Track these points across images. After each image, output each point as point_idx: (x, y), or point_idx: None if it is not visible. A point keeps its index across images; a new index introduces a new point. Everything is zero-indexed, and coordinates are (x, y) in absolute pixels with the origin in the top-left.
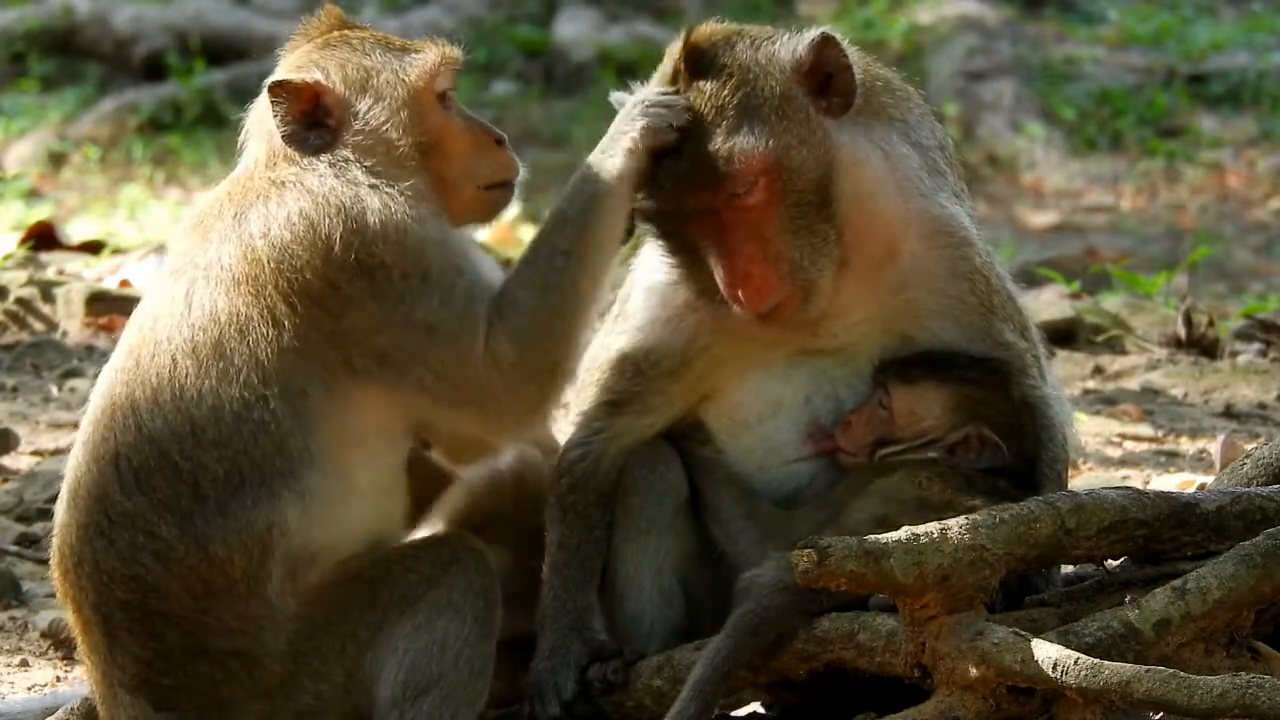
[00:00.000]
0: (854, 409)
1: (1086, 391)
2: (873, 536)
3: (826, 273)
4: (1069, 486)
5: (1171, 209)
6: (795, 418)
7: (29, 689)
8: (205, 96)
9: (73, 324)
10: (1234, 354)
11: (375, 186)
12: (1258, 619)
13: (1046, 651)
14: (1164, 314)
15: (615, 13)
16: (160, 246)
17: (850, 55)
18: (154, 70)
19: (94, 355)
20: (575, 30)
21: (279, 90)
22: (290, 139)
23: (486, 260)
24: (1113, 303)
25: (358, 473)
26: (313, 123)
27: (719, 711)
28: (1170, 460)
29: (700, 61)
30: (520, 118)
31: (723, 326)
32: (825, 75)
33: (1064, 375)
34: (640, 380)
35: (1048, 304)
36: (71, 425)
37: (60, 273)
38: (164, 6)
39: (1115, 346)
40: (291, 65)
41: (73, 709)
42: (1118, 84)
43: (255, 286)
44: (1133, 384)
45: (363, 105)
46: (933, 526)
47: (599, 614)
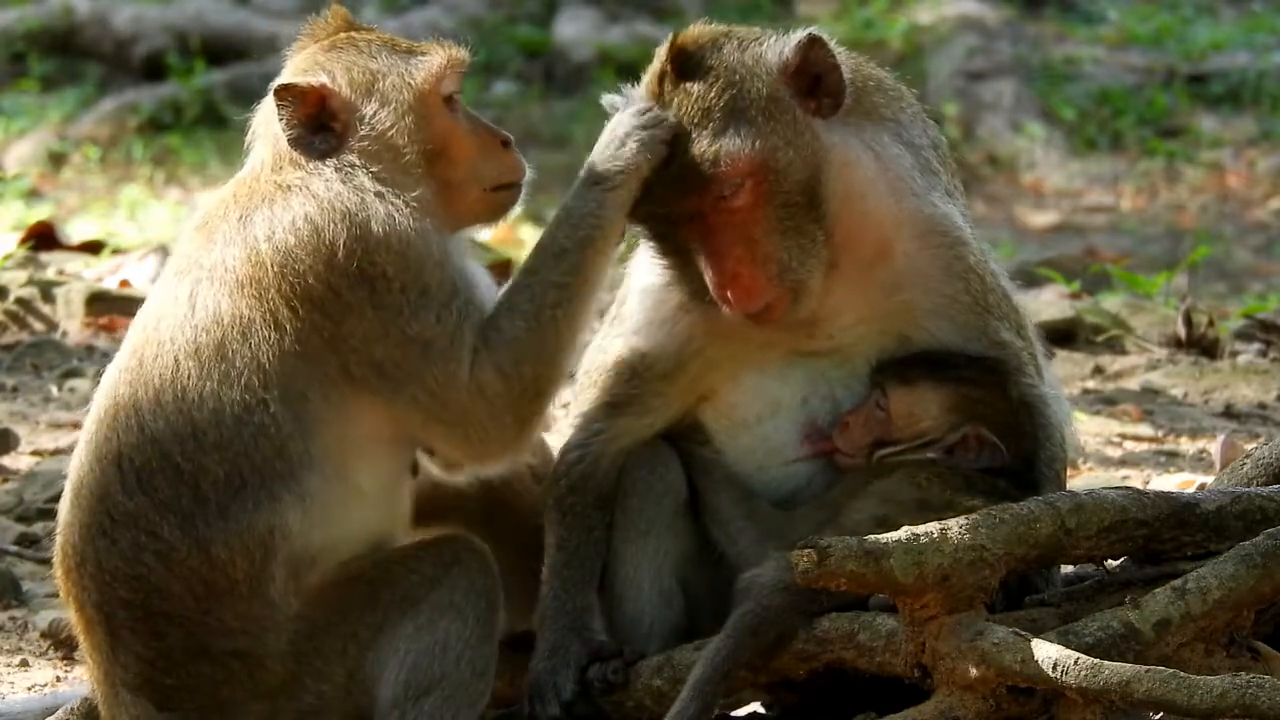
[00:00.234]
0: (851, 410)
1: (1086, 391)
2: (873, 536)
3: (816, 273)
4: (1068, 486)
5: (1171, 209)
6: (793, 418)
7: (29, 689)
8: (205, 96)
9: (73, 324)
10: (1234, 354)
11: (381, 195)
12: (1258, 619)
13: (1046, 651)
14: (1164, 314)
15: (615, 13)
16: (160, 246)
17: (838, 55)
18: (154, 70)
19: (94, 355)
20: (575, 30)
21: (285, 94)
22: (296, 143)
23: (483, 278)
24: (1113, 303)
25: (360, 476)
26: (318, 126)
27: (719, 711)
28: (1170, 460)
29: (687, 64)
30: (520, 118)
31: (717, 328)
32: (813, 76)
33: (1064, 375)
34: (637, 382)
35: (1048, 304)
36: (71, 425)
37: (60, 273)
38: (164, 6)
39: (1115, 346)
40: (298, 68)
41: (73, 709)
42: (1118, 84)
43: (258, 289)
44: (1133, 384)
45: (369, 109)
46: (933, 526)
47: (598, 614)
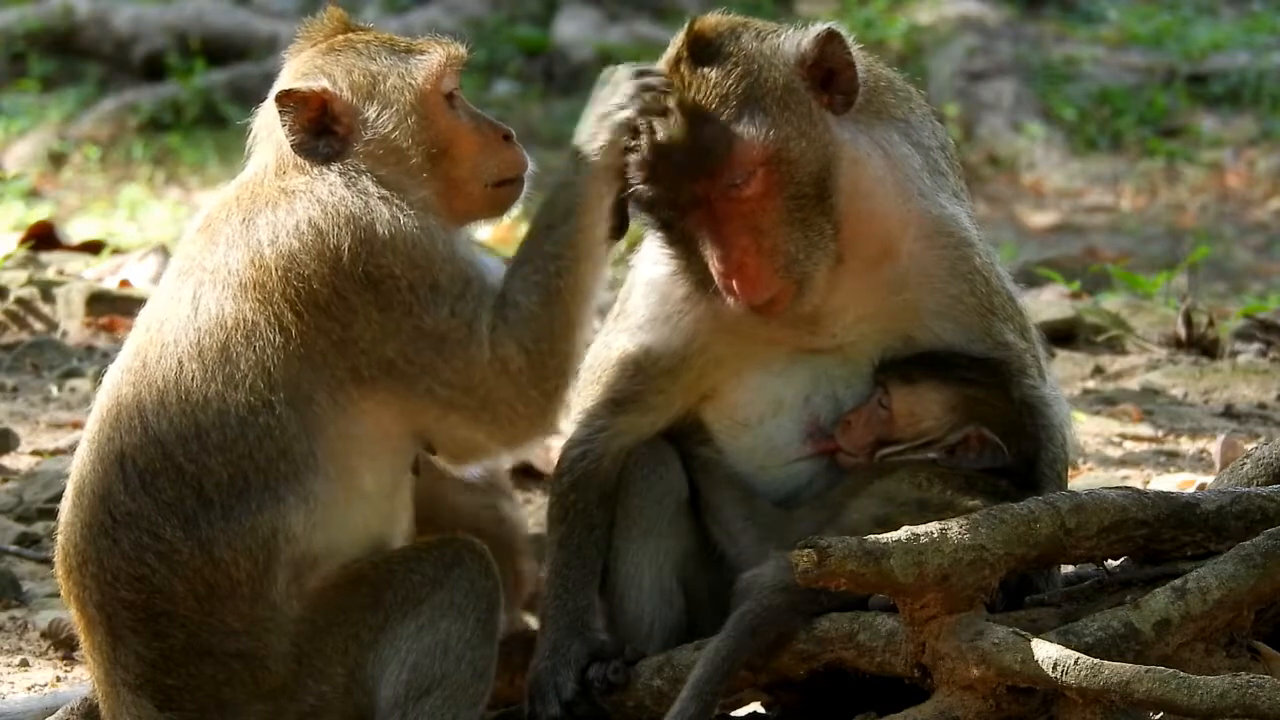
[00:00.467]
0: (854, 409)
1: (1086, 391)
2: (873, 536)
3: (821, 267)
4: (1069, 486)
5: (1171, 209)
6: (795, 418)
7: (29, 689)
8: (205, 96)
9: (73, 324)
10: (1234, 354)
11: (386, 198)
12: (1258, 619)
13: (1046, 651)
14: (1164, 314)
15: (615, 13)
16: (160, 246)
17: (854, 52)
18: (154, 70)
19: (94, 355)
20: (575, 30)
21: (286, 99)
22: (299, 148)
23: (490, 263)
24: (1113, 303)
25: (363, 477)
26: (321, 130)
27: (719, 711)
28: (1170, 460)
29: (705, 49)
30: (520, 118)
31: (722, 324)
32: (828, 71)
33: (1064, 375)
34: (641, 379)
35: (1048, 304)
36: (72, 425)
37: (60, 273)
38: (164, 6)
39: (1115, 346)
40: (297, 72)
41: (73, 709)
42: (1118, 84)
43: (262, 293)
44: (1133, 384)
45: (371, 112)
46: (933, 526)
47: (599, 614)
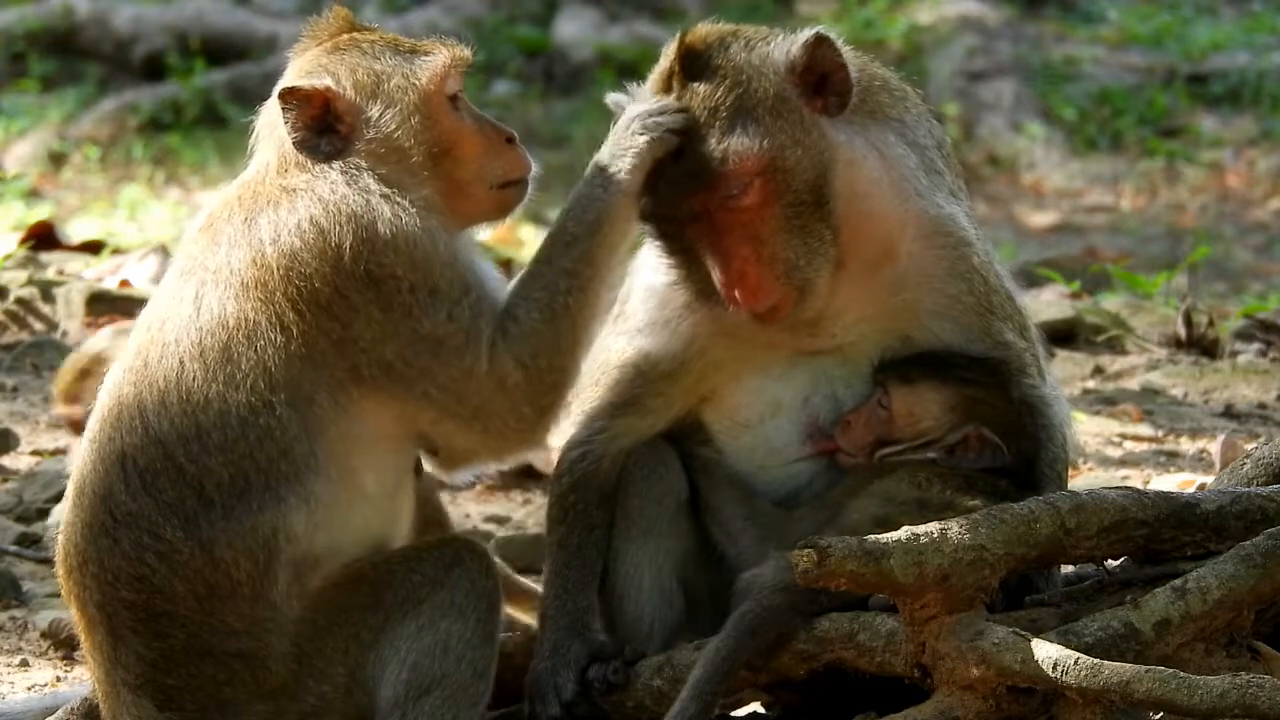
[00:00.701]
0: (853, 409)
1: (1086, 391)
2: (873, 536)
3: (823, 273)
4: (1069, 486)
5: (1171, 209)
6: (794, 418)
7: (29, 689)
8: (205, 96)
9: (73, 324)
10: (1234, 354)
11: (387, 196)
12: (1258, 619)
13: (1046, 651)
14: (1164, 314)
15: (615, 13)
16: (160, 246)
17: (845, 54)
18: (154, 70)
19: None
20: (575, 30)
21: (289, 97)
22: (301, 145)
23: (492, 273)
24: (1113, 303)
25: (365, 478)
26: (324, 129)
27: (719, 711)
28: (1170, 460)
29: (695, 64)
30: (520, 118)
31: (721, 328)
32: (820, 75)
33: (1064, 375)
34: (640, 382)
35: (1048, 304)
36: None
37: (60, 273)
38: (164, 6)
39: (1115, 346)
40: (301, 70)
41: (73, 709)
42: (1118, 84)
43: (264, 292)
44: (1133, 384)
45: (374, 111)
46: (933, 526)
47: (599, 614)
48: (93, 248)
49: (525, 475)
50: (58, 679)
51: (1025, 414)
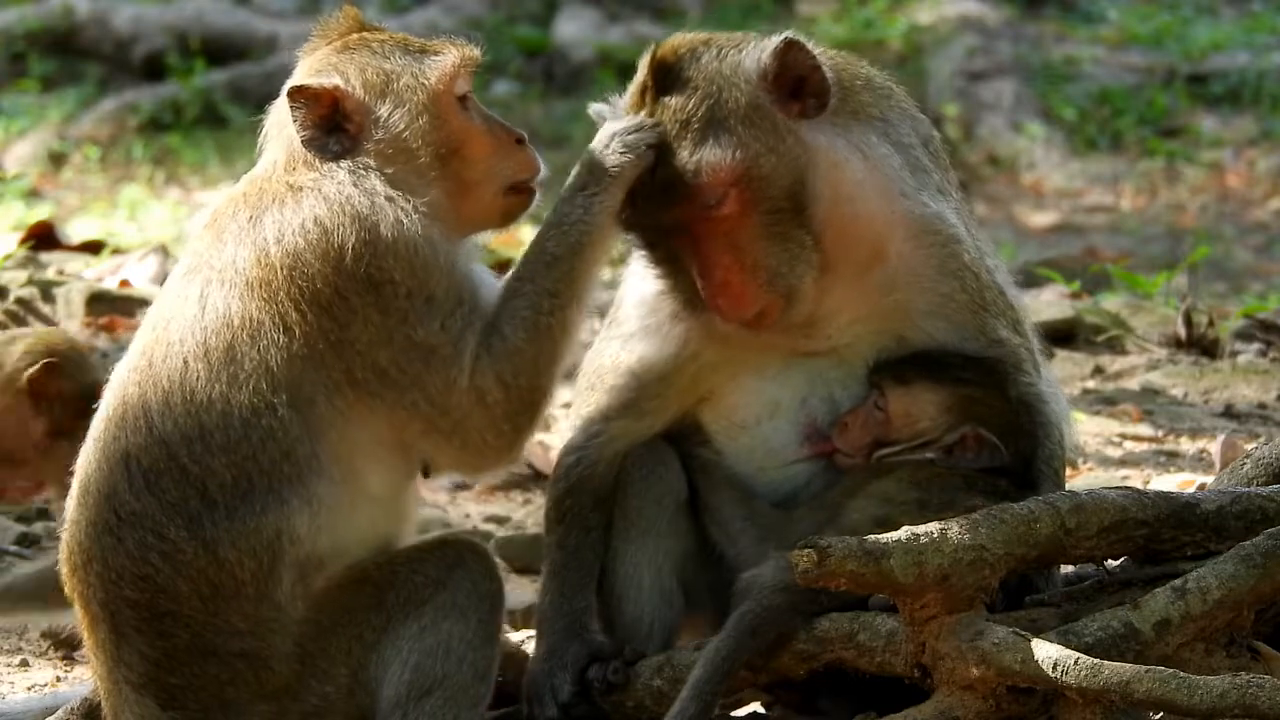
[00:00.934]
0: (850, 410)
1: (1086, 391)
2: (872, 536)
3: (807, 278)
4: (1068, 486)
5: (1171, 209)
6: (792, 419)
7: (29, 689)
8: (205, 96)
9: (73, 324)
10: (1234, 354)
11: (392, 199)
12: (1258, 619)
13: (1046, 651)
14: (1164, 314)
15: (615, 13)
16: (160, 246)
17: (818, 56)
18: (154, 70)
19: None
20: (575, 30)
21: (298, 95)
22: (310, 144)
23: (487, 280)
24: (1113, 303)
25: (369, 480)
26: (332, 127)
27: (719, 711)
28: (1170, 460)
29: (666, 77)
30: (520, 118)
31: (712, 333)
32: (797, 78)
33: (1064, 375)
34: (635, 386)
35: (1048, 304)
36: None
37: (60, 273)
38: (164, 6)
39: (1115, 346)
40: (311, 69)
41: (73, 709)
42: (1118, 84)
43: (268, 291)
44: (1133, 384)
45: (383, 111)
46: (933, 526)
47: (598, 615)
48: (93, 248)
49: (525, 475)
50: (58, 679)
51: (1022, 412)
